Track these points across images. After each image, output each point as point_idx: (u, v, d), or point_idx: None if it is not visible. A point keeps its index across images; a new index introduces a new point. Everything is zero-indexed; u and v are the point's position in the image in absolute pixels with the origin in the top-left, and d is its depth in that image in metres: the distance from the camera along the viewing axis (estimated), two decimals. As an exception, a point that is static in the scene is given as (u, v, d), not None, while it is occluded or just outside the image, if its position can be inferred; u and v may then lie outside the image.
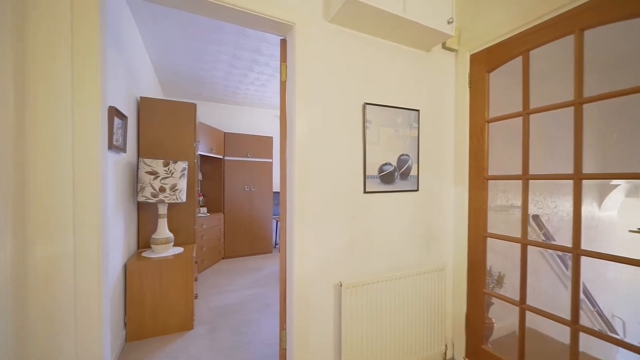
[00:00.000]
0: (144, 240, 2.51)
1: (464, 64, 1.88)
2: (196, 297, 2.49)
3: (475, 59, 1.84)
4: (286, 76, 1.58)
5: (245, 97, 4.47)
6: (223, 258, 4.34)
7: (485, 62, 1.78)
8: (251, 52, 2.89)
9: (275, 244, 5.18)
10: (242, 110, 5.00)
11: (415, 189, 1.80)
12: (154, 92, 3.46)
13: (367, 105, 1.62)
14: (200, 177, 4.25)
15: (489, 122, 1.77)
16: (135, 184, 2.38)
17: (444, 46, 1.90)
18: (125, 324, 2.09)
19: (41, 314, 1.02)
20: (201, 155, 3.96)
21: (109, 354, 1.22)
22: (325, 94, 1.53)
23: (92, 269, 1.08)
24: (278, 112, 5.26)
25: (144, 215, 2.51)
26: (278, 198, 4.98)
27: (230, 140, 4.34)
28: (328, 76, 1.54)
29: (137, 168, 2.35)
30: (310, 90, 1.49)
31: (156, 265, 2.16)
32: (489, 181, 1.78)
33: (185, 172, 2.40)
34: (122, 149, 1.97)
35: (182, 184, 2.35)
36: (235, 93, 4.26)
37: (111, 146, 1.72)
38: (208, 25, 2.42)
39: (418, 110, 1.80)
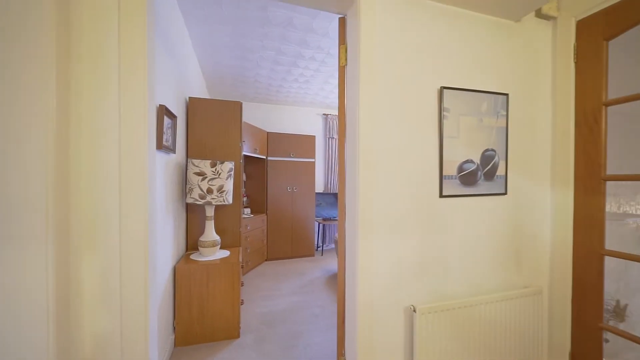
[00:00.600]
0: (192, 242, 2.48)
1: (567, 33, 1.48)
2: (242, 303, 2.39)
3: (584, 25, 1.43)
4: (346, 60, 1.35)
5: (288, 96, 4.37)
6: (266, 260, 4.28)
7: (603, 26, 1.36)
8: (297, 44, 2.72)
9: (317, 247, 5.01)
10: (285, 110, 4.92)
11: (503, 192, 1.45)
12: (201, 94, 3.49)
13: (444, 90, 1.33)
14: (244, 177, 4.24)
15: (608, 105, 1.35)
16: (184, 185, 2.35)
17: (538, 14, 1.52)
18: (174, 327, 2.05)
19: (89, 335, 0.92)
20: (245, 156, 3.93)
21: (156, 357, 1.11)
22: (393, 78, 1.27)
23: (139, 282, 0.96)
24: (321, 111, 5.09)
25: (193, 216, 2.49)
26: (320, 199, 4.80)
27: (273, 140, 4.27)
28: (397, 56, 1.28)
29: (186, 169, 2.31)
30: (375, 75, 1.25)
31: (204, 269, 2.09)
32: (607, 183, 1.36)
33: (232, 173, 2.31)
34: (172, 149, 1.92)
35: (229, 185, 2.26)
36: (278, 92, 4.17)
37: (160, 146, 1.65)
38: (255, 19, 2.30)
39: (507, 95, 1.45)
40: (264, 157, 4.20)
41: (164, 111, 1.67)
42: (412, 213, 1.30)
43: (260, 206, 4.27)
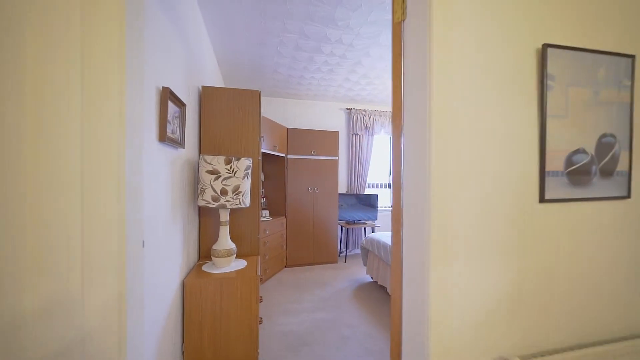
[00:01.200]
0: (205, 250, 2.19)
1: None
2: (261, 321, 2.07)
3: None
4: (405, 13, 0.98)
5: (309, 88, 4.04)
6: (285, 266, 3.96)
7: None
8: (322, 24, 2.38)
9: (340, 252, 4.64)
10: (305, 105, 4.59)
11: (625, 194, 1.03)
12: (216, 85, 3.23)
13: (547, 49, 0.92)
14: (262, 177, 3.95)
15: None
16: (196, 185, 2.07)
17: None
18: (182, 352, 1.75)
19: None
20: (263, 154, 3.63)
21: None
22: (474, 34, 0.89)
23: (110, 338, 0.64)
24: (344, 105, 4.72)
25: (206, 220, 2.20)
26: (341, 200, 4.43)
27: (293, 137, 3.95)
28: (477, 5, 0.89)
29: (198, 167, 2.02)
30: (449, 33, 0.87)
31: (217, 283, 1.78)
32: None
33: (250, 171, 1.99)
34: (180, 143, 1.63)
35: (246, 185, 1.95)
36: (299, 84, 3.84)
37: (164, 138, 1.35)
38: (275, -8, 1.97)
39: (633, 56, 1.02)
40: (284, 155, 3.89)
41: (168, 95, 1.37)
42: (499, 226, 0.91)
43: (279, 208, 3.96)
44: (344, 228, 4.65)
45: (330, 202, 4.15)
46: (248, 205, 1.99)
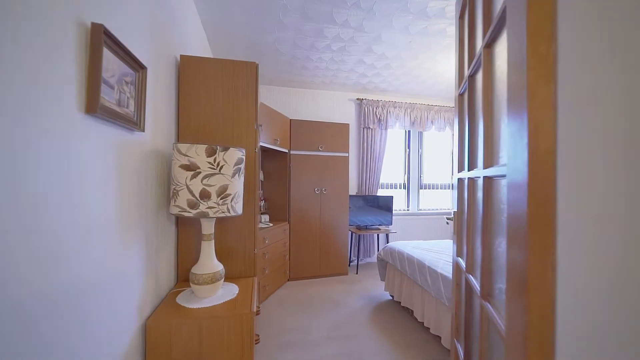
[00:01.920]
0: (185, 270, 1.67)
1: None
2: (257, 341, 1.54)
3: None
4: None
5: (316, 74, 3.50)
6: (288, 280, 3.43)
7: None
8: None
9: (350, 262, 4.10)
10: (310, 94, 4.06)
11: None
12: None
13: None
14: (261, 176, 3.42)
15: None
16: (169, 184, 1.54)
17: None
18: None
19: None
20: (262, 148, 3.11)
21: None
22: None
23: None
24: (354, 95, 4.19)
25: (186, 232, 1.67)
26: (353, 202, 3.90)
27: (297, 129, 3.42)
28: None
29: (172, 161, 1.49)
30: None
31: (194, 325, 1.25)
32: None
33: (242, 166, 1.46)
34: (136, 123, 1.10)
35: (237, 186, 1.42)
36: (304, 67, 3.31)
37: (95, 108, 0.82)
38: None
39: None
40: (286, 151, 3.36)
41: (103, 38, 0.84)
42: None
43: (281, 212, 3.43)
44: (354, 234, 4.12)
45: (340, 204, 3.62)
46: (240, 212, 1.46)
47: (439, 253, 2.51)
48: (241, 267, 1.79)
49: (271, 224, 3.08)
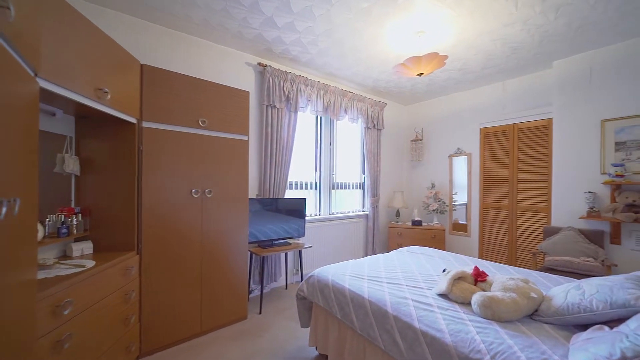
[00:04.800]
0: None
1: None
2: None
3: None
4: None
5: (193, 11, 2.12)
6: (139, 358, 1.89)
7: None
8: None
9: (250, 292, 2.86)
10: (185, 43, 2.58)
11: None
12: None
13: None
14: (70, 166, 1.74)
15: None
16: None
17: None
18: None
19: None
20: (77, 110, 1.51)
21: None
22: None
23: None
24: (254, 59, 2.97)
25: None
26: (254, 207, 2.70)
27: (157, 85, 1.94)
28: None
29: None
30: None
31: None
32: None
33: None
34: None
35: None
36: (169, -23, 1.88)
37: None
38: None
39: None
40: (133, 121, 1.83)
41: None
42: None
43: (124, 235, 1.85)
44: (256, 256, 2.89)
45: (236, 213, 2.36)
46: None
47: (401, 283, 1.70)
48: None
49: (94, 262, 1.51)
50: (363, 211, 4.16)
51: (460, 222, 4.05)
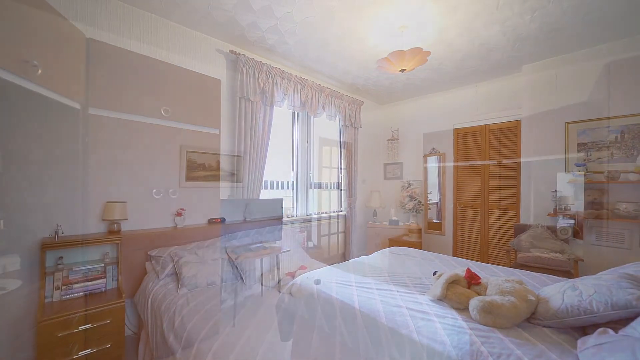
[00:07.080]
0: None
1: None
2: None
3: None
4: None
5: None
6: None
7: None
8: None
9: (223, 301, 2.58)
10: (147, 21, 2.24)
11: None
12: None
13: None
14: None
15: None
16: None
17: None
18: None
19: None
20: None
21: None
22: None
23: None
24: (226, 46, 2.70)
25: None
26: (225, 208, 2.45)
27: (109, 65, 1.63)
28: None
29: None
30: None
31: None
32: None
33: None
34: None
35: None
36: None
37: None
38: None
39: None
40: (75, 106, 1.51)
41: None
42: None
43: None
44: (228, 262, 2.62)
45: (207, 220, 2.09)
46: None
47: (391, 289, 1.57)
48: None
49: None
50: (341, 211, 4.04)
51: (435, 221, 4.11)
